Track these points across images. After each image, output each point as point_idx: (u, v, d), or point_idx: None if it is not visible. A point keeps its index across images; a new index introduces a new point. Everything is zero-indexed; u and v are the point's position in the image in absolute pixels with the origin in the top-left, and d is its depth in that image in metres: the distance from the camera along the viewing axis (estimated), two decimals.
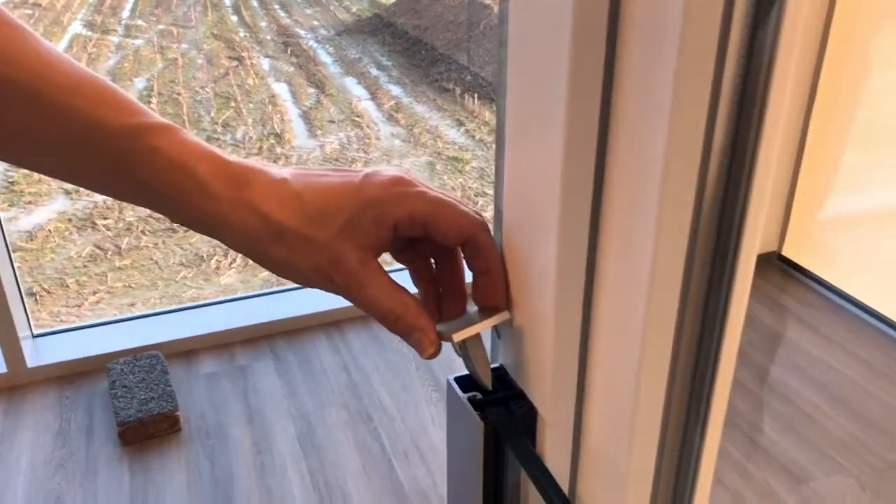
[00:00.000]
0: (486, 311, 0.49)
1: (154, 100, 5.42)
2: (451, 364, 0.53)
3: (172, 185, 0.43)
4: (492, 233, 0.48)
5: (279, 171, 0.45)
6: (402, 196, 0.45)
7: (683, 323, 0.41)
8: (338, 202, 0.44)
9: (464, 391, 0.52)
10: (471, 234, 0.46)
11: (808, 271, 2.48)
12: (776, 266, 2.56)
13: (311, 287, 0.47)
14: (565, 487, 0.51)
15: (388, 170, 0.46)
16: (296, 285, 2.41)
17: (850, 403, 2.00)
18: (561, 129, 0.41)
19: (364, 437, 1.88)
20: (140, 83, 5.82)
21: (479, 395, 0.51)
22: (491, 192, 3.84)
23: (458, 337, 0.47)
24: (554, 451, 0.50)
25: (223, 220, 0.43)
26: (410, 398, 1.99)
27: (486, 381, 0.50)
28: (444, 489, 1.73)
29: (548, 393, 0.48)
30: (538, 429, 0.50)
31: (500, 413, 0.50)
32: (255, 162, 0.45)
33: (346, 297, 0.46)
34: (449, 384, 0.54)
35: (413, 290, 0.52)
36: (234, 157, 0.45)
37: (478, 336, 0.48)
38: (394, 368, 2.10)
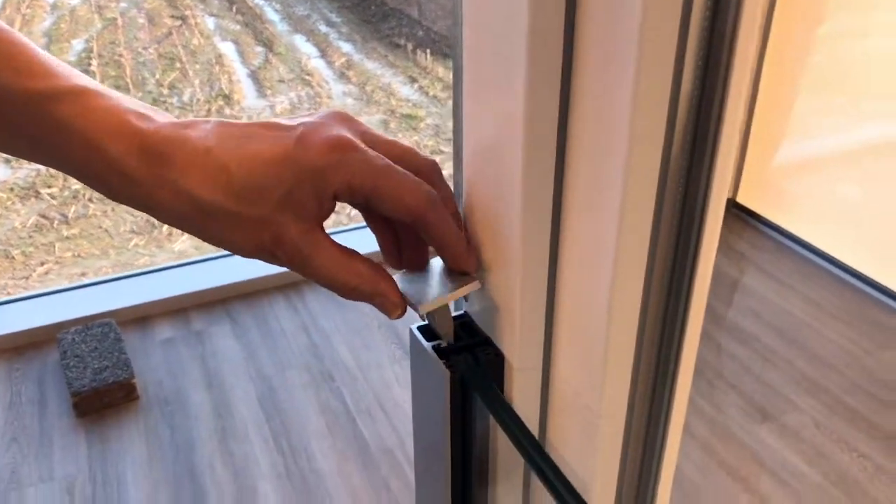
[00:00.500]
0: (454, 275, 0.47)
1: (94, 62, 5.23)
2: (415, 320, 0.52)
3: (86, 165, 0.38)
4: (443, 203, 0.43)
5: (202, 134, 0.40)
6: (341, 164, 0.39)
7: (654, 264, 0.39)
8: (271, 173, 0.39)
9: (427, 340, 0.50)
10: (419, 214, 0.41)
11: (763, 217, 2.51)
12: (731, 213, 2.59)
13: (258, 260, 0.44)
14: (535, 433, 0.50)
15: (325, 126, 0.40)
16: None
17: (803, 345, 2.04)
18: (522, 71, 0.38)
19: (327, 397, 1.86)
20: (79, 45, 5.61)
21: (443, 344, 0.50)
22: (447, 149, 3.80)
23: (424, 309, 0.45)
24: (523, 397, 0.48)
25: (147, 200, 0.39)
26: (373, 357, 1.98)
27: (451, 338, 0.49)
28: (410, 447, 1.73)
29: (515, 338, 0.46)
30: (506, 375, 0.49)
31: (465, 361, 0.49)
32: (176, 126, 0.40)
33: (295, 271, 0.43)
34: (412, 333, 0.52)
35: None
36: (152, 122, 0.39)
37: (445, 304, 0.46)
38: (355, 328, 2.08)
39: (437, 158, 3.87)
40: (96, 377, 1.79)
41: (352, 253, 0.43)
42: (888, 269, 2.20)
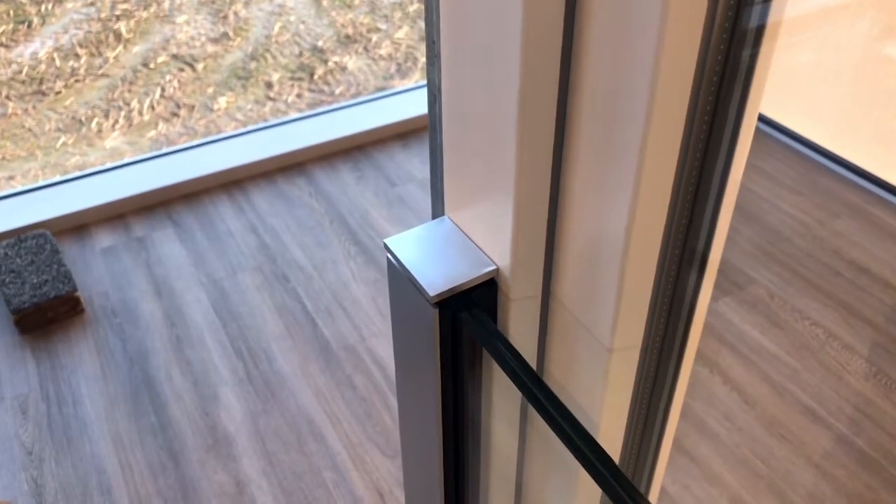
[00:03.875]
0: (468, 250, 0.42)
1: None
2: (368, 217, 0.46)
3: None
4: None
5: None
6: None
7: (681, 181, 0.34)
8: None
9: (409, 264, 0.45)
10: None
11: None
12: None
13: None
14: (533, 366, 0.46)
15: None
16: (189, 144, 2.24)
17: (759, 218, 2.05)
18: None
19: (283, 298, 1.81)
20: None
21: None
22: (384, 26, 3.61)
23: (435, 298, 0.41)
24: (519, 328, 0.44)
25: None
26: (327, 255, 1.92)
27: None
28: (372, 343, 1.71)
29: (510, 264, 0.41)
30: (500, 305, 0.44)
31: (454, 292, 0.43)
32: None
33: None
34: (391, 260, 0.46)
35: None
36: None
37: None
38: (305, 226, 2.00)
39: (374, 37, 3.69)
40: (36, 292, 1.70)
41: None
42: (842, 139, 2.20)
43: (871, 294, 1.83)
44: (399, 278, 0.45)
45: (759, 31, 0.32)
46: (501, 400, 0.47)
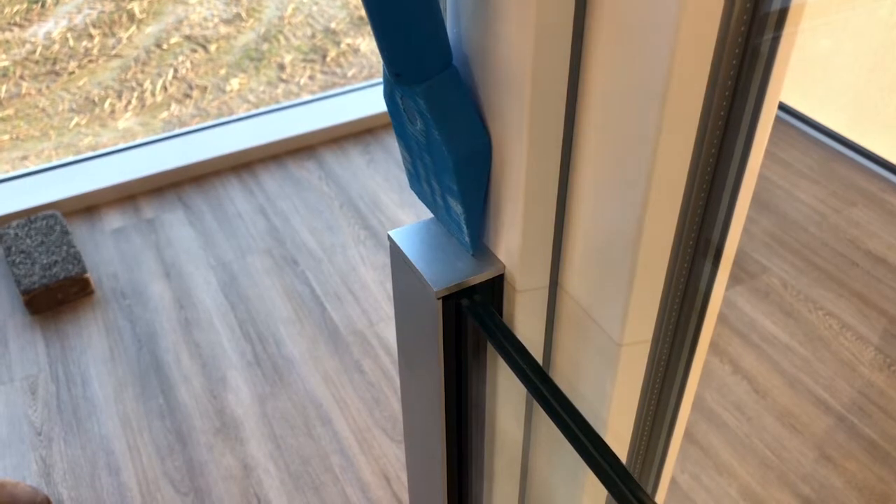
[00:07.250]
0: (475, 247, 0.41)
1: None
2: (377, 201, 0.44)
3: None
4: None
5: None
6: None
7: (696, 170, 0.32)
8: None
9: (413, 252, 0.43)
10: None
11: None
12: None
13: None
14: (539, 360, 0.44)
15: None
16: (199, 125, 2.23)
17: (773, 206, 2.02)
18: None
19: (292, 282, 1.81)
20: None
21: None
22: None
23: (440, 294, 0.39)
24: (525, 321, 0.42)
25: None
26: (337, 239, 1.91)
27: None
28: (380, 328, 1.70)
29: (517, 255, 0.39)
30: (505, 296, 0.42)
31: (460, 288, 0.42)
32: None
33: None
34: (393, 248, 0.45)
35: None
36: None
37: None
38: (315, 209, 1.99)
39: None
40: (46, 273, 1.70)
41: None
42: (860, 127, 2.17)
43: (886, 284, 1.81)
44: (403, 271, 0.44)
45: (782, 14, 0.31)
46: (507, 390, 0.45)
